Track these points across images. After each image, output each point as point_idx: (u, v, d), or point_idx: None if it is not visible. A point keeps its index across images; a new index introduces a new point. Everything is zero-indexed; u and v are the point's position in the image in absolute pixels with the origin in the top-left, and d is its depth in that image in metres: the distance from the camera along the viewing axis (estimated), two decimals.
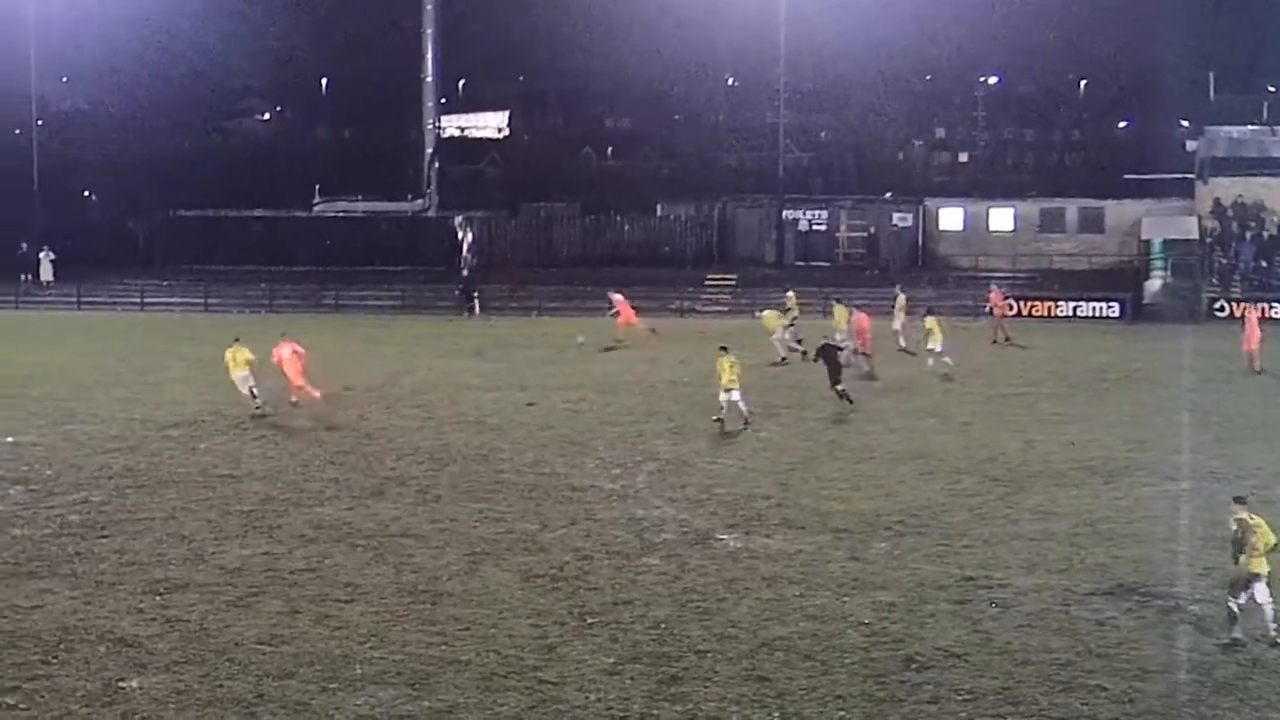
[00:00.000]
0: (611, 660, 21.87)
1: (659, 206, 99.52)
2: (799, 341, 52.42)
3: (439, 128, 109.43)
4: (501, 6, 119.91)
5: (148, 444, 38.75)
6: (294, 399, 43.57)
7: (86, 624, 23.42)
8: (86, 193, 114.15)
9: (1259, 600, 22.30)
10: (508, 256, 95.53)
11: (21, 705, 20.08)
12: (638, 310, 62.45)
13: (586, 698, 20.45)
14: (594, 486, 33.61)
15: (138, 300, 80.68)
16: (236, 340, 43.89)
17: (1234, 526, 22.79)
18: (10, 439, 39.38)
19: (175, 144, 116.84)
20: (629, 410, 43.97)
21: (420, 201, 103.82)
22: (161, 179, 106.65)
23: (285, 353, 43.28)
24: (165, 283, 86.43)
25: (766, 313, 56.01)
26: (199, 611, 24.01)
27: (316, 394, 43.25)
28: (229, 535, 29.09)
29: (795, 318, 56.84)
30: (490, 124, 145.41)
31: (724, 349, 41.18)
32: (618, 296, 62.22)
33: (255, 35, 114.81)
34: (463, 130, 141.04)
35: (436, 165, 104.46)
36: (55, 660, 21.77)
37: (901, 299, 58.20)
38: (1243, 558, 22.41)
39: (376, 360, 55.75)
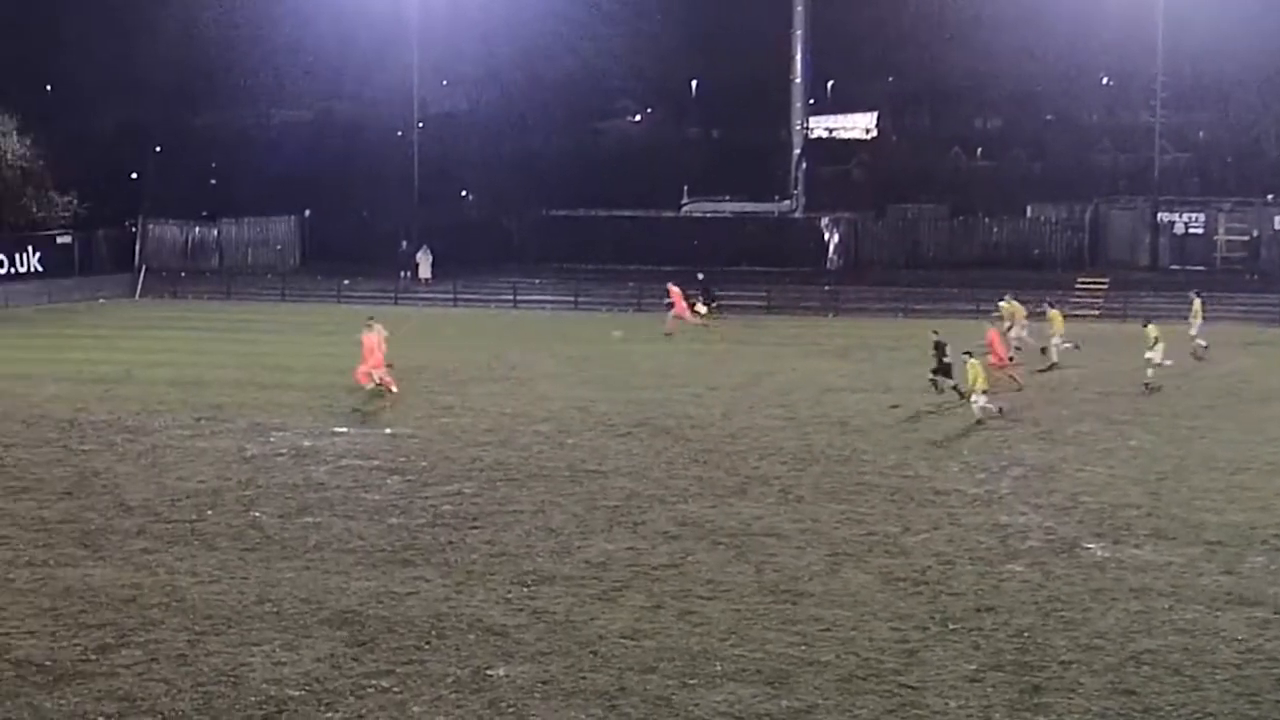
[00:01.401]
0: (973, 667, 21.59)
1: (1029, 208, 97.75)
2: (1017, 349, 52.19)
3: (807, 129, 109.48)
4: (872, 7, 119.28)
5: (518, 438, 39.67)
6: (376, 381, 46.50)
7: (457, 612, 24.08)
8: (464, 192, 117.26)
9: None
10: (873, 258, 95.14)
11: (395, 689, 20.74)
12: (691, 306, 65.25)
13: (947, 704, 20.23)
14: (957, 491, 33.24)
15: (510, 297, 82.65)
16: (370, 319, 48.80)
17: None
18: (389, 431, 40.79)
19: (549, 145, 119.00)
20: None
21: (787, 202, 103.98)
22: (535, 179, 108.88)
23: (374, 338, 46.63)
24: (537, 281, 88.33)
25: (1054, 312, 54.93)
26: (564, 604, 24.48)
27: (394, 386, 46.38)
28: (595, 530, 29.60)
29: (1014, 326, 55.48)
30: (858, 125, 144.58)
31: (969, 354, 42.18)
32: (675, 290, 64.67)
33: (628, 37, 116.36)
34: (830, 131, 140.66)
35: (804, 166, 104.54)
36: (428, 646, 22.43)
37: (1197, 304, 56.13)
38: None
39: (741, 360, 56.04)
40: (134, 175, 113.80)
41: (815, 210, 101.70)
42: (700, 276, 75.91)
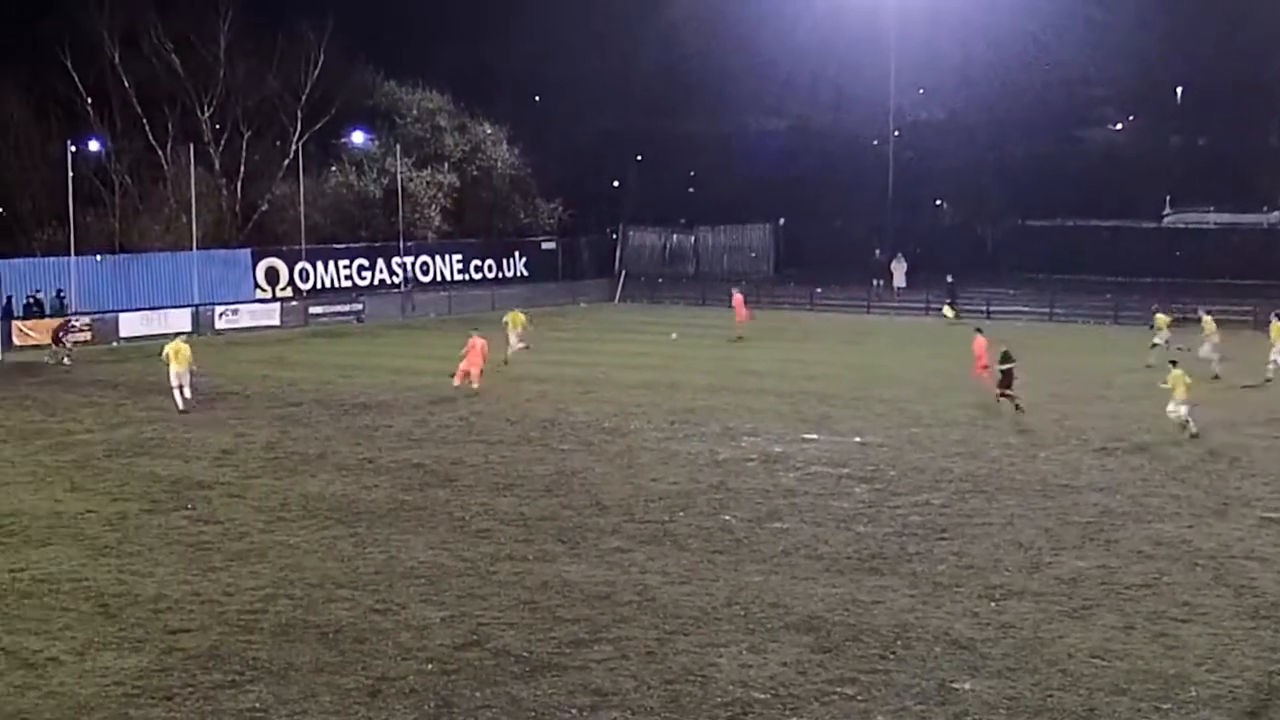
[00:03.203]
0: None
1: None
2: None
3: None
4: None
5: (988, 450, 39.24)
6: (458, 382, 49.84)
7: (923, 623, 23.95)
8: (938, 201, 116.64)
9: None
10: None
11: (859, 697, 20.75)
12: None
13: None
14: None
15: (984, 308, 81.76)
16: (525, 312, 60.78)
17: None
18: (858, 439, 40.87)
19: (1026, 153, 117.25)
20: None
21: (1277, 213, 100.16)
22: (1011, 187, 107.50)
23: (480, 344, 50.08)
24: (1011, 291, 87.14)
25: (1277, 324, 52.99)
26: (1032, 620, 24.08)
27: (476, 384, 49.37)
28: (1065, 545, 29.03)
29: (1205, 343, 54.23)
30: None
31: (1174, 362, 42.38)
32: (739, 296, 70.52)
33: (1109, 44, 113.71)
34: None
35: None
36: (892, 656, 22.37)
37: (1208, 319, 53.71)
38: None
39: (1228, 377, 54.07)
40: (616, 183, 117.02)
41: None
42: (949, 279, 76.35)
